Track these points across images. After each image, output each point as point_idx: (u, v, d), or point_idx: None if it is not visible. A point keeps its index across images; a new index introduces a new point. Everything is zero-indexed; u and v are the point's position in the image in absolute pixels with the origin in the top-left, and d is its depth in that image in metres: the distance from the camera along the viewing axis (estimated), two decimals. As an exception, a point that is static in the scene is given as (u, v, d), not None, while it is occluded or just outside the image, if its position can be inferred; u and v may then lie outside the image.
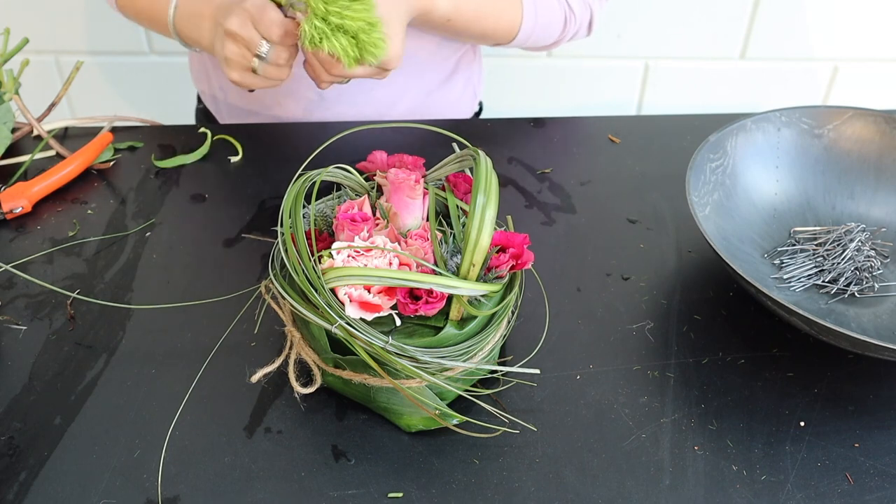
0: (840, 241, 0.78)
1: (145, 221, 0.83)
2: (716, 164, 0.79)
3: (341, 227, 0.62)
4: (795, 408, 0.66)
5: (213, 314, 0.72)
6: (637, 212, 0.86)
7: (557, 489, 0.60)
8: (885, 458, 0.62)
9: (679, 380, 0.68)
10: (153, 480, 0.59)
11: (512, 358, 0.69)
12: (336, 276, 0.57)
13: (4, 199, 0.82)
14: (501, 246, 0.61)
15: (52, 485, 0.59)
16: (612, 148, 0.96)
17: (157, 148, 0.93)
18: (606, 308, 0.74)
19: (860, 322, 0.72)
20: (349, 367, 0.61)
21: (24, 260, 0.78)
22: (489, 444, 0.62)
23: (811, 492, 0.60)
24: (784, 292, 0.75)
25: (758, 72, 1.57)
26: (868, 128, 0.83)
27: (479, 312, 0.60)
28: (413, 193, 0.63)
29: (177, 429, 0.63)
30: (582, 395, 0.66)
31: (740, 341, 0.71)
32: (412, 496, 0.59)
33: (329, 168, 0.67)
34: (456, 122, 1.03)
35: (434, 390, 0.61)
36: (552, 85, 1.57)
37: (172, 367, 0.67)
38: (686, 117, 1.02)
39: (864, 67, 1.58)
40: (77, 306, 0.73)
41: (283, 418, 0.64)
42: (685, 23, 1.50)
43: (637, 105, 1.61)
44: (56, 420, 0.63)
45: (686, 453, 0.62)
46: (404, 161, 0.70)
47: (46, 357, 0.68)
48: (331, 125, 0.99)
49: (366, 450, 0.62)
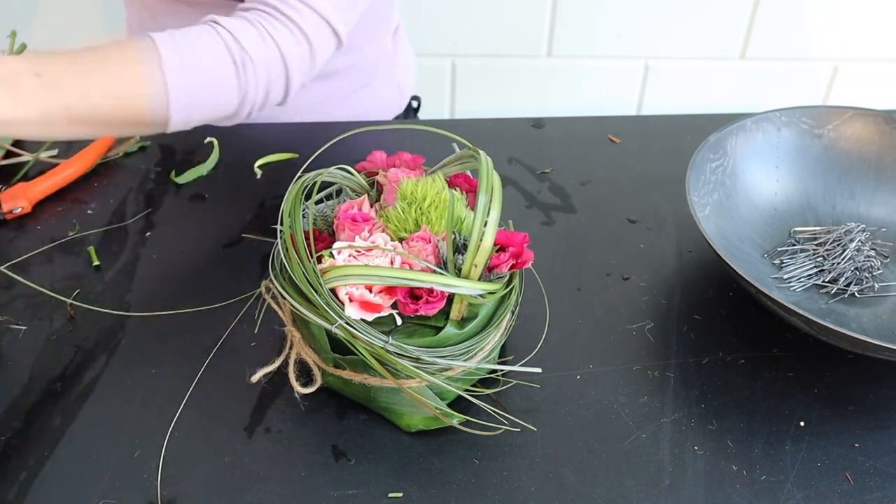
0: (840, 241, 0.78)
1: (145, 222, 0.83)
2: (716, 164, 0.79)
3: (342, 226, 0.62)
4: (795, 408, 0.66)
5: (213, 314, 0.72)
6: (637, 212, 0.86)
7: (557, 489, 0.60)
8: (885, 458, 0.62)
9: (679, 380, 0.68)
10: (153, 480, 0.59)
11: (512, 358, 0.69)
12: (336, 276, 0.57)
13: (4, 200, 0.82)
14: (501, 245, 0.61)
15: (52, 485, 0.59)
16: (612, 148, 0.96)
17: (158, 148, 0.93)
18: (606, 308, 0.74)
19: (860, 322, 0.72)
20: (349, 367, 0.61)
21: (22, 258, 0.77)
22: (489, 444, 0.62)
23: (811, 492, 0.60)
24: (784, 292, 0.75)
25: (758, 72, 1.57)
26: (868, 128, 0.83)
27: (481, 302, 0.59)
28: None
29: (177, 429, 0.63)
30: (582, 395, 0.66)
31: (740, 341, 0.71)
32: (412, 496, 0.59)
33: (329, 168, 0.67)
34: (456, 123, 1.03)
35: (434, 390, 0.61)
36: (552, 85, 1.57)
37: (172, 367, 0.67)
38: (686, 117, 1.02)
39: (864, 67, 1.58)
40: (77, 306, 0.73)
41: (283, 418, 0.64)
42: (685, 23, 1.49)
43: (637, 105, 1.61)
44: (56, 420, 0.63)
45: (686, 453, 0.62)
46: (404, 160, 0.70)
47: (46, 357, 0.68)
48: (331, 125, 0.99)
49: (366, 450, 0.62)
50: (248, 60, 0.70)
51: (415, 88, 1.19)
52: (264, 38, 0.71)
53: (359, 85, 1.06)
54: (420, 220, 0.61)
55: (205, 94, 0.69)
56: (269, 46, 0.71)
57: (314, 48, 0.75)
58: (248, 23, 0.71)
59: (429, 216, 0.61)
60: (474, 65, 1.54)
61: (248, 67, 0.70)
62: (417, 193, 0.61)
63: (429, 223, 0.61)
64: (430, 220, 0.61)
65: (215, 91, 0.70)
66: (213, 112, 0.71)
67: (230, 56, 0.69)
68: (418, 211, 0.61)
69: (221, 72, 0.69)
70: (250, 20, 0.72)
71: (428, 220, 0.61)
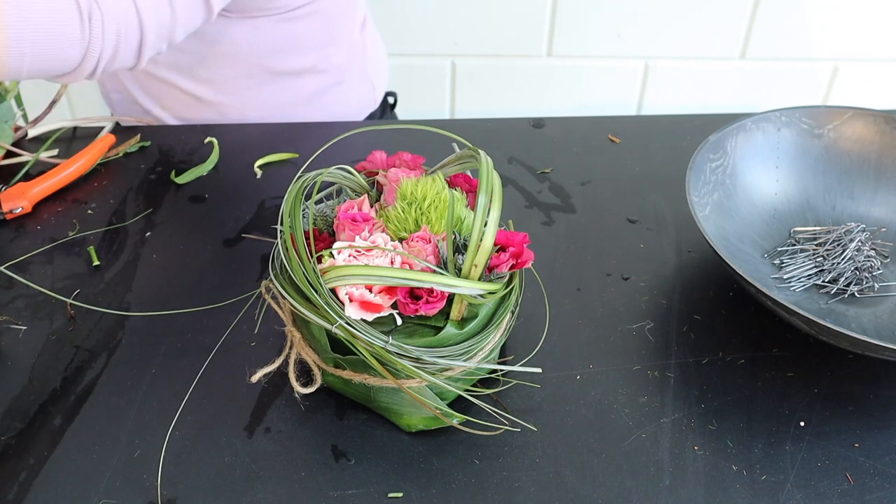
0: (840, 241, 0.78)
1: (145, 222, 0.83)
2: (716, 164, 0.79)
3: (342, 226, 0.62)
4: (795, 408, 0.66)
5: (213, 314, 0.72)
6: (637, 212, 0.86)
7: (557, 489, 0.60)
8: (885, 458, 0.62)
9: (679, 380, 0.68)
10: (153, 480, 0.59)
11: (512, 358, 0.69)
12: (336, 276, 0.57)
13: (5, 200, 0.82)
14: (501, 245, 0.61)
15: (52, 485, 0.59)
16: (612, 148, 0.96)
17: (157, 148, 0.93)
18: (606, 308, 0.74)
19: (860, 322, 0.72)
20: (349, 367, 0.61)
21: (22, 258, 0.77)
22: (489, 444, 0.62)
23: (811, 492, 0.60)
24: (784, 292, 0.75)
25: (758, 72, 1.57)
26: (868, 128, 0.83)
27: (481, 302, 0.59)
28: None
29: (177, 429, 0.63)
30: (582, 395, 0.66)
31: (740, 341, 0.71)
32: (412, 496, 0.59)
33: (329, 168, 0.67)
34: (456, 123, 1.04)
35: (434, 390, 0.61)
36: (552, 85, 1.57)
37: (172, 367, 0.67)
38: (686, 117, 1.02)
39: (864, 67, 1.58)
40: (77, 306, 0.73)
41: (283, 418, 0.64)
42: (685, 23, 1.50)
43: (637, 105, 1.61)
44: (56, 420, 0.63)
45: (686, 453, 0.62)
46: (404, 160, 0.70)
47: (46, 357, 0.68)
48: (331, 125, 0.99)
49: (366, 450, 0.62)
50: (96, 8, 0.64)
51: (388, 84, 1.16)
52: None
53: (329, 83, 1.04)
54: (420, 220, 0.61)
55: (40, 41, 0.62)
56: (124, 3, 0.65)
57: (176, 11, 0.70)
58: None
59: (429, 216, 0.61)
60: (474, 65, 1.54)
61: (94, 16, 0.64)
62: (417, 193, 0.61)
63: (429, 223, 0.61)
64: (430, 220, 0.61)
65: (54, 40, 0.63)
66: (51, 63, 0.65)
67: (75, 2, 0.63)
68: (418, 211, 0.61)
69: (62, 16, 0.62)
70: None
71: (428, 220, 0.61)
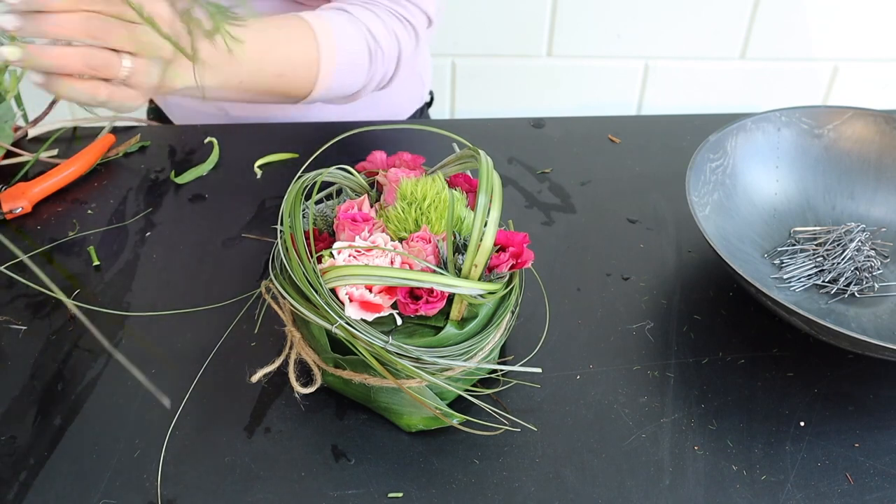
0: (840, 241, 0.78)
1: (145, 222, 0.83)
2: (716, 164, 0.79)
3: (342, 226, 0.62)
4: (795, 408, 0.66)
5: (213, 314, 0.72)
6: (637, 212, 0.86)
7: (557, 489, 0.60)
8: (885, 458, 0.62)
9: (679, 380, 0.68)
10: (153, 480, 0.59)
11: (512, 358, 0.69)
12: (336, 276, 0.57)
13: (4, 200, 0.82)
14: (501, 245, 0.61)
15: (52, 485, 0.59)
16: (612, 148, 0.96)
17: (158, 148, 0.93)
18: (606, 308, 0.74)
19: (860, 322, 0.72)
20: (349, 367, 0.61)
21: (20, 259, 0.77)
22: (489, 444, 0.62)
23: (811, 492, 0.60)
24: (784, 292, 0.75)
25: (758, 72, 1.57)
26: (868, 128, 0.83)
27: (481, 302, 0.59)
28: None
29: (177, 429, 0.63)
30: (582, 395, 0.66)
31: (740, 341, 0.71)
32: (412, 496, 0.59)
33: (329, 168, 0.67)
34: (456, 123, 1.04)
35: (434, 390, 0.61)
36: (552, 85, 1.57)
37: (172, 367, 0.67)
38: (686, 117, 1.02)
39: (864, 67, 1.58)
40: (77, 306, 0.73)
41: (283, 418, 0.64)
42: (685, 23, 1.50)
43: (637, 105, 1.61)
44: (56, 420, 0.63)
45: (686, 453, 0.62)
46: (404, 160, 0.70)
47: (46, 357, 0.68)
48: (331, 125, 0.99)
49: (366, 450, 0.62)
50: (380, 51, 0.77)
51: (431, 81, 1.19)
52: (389, 33, 0.78)
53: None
54: (420, 220, 0.61)
55: (345, 76, 0.76)
56: (393, 41, 0.79)
57: (420, 40, 0.82)
58: (376, 17, 0.78)
59: (429, 216, 0.61)
60: (474, 65, 1.54)
61: (377, 58, 0.78)
62: (417, 193, 0.61)
63: (429, 223, 0.61)
64: (430, 220, 0.61)
65: (353, 75, 0.77)
66: (341, 93, 0.79)
67: (367, 45, 0.77)
68: (418, 211, 0.61)
69: (361, 58, 0.76)
70: (378, 14, 0.78)
71: (428, 220, 0.61)
